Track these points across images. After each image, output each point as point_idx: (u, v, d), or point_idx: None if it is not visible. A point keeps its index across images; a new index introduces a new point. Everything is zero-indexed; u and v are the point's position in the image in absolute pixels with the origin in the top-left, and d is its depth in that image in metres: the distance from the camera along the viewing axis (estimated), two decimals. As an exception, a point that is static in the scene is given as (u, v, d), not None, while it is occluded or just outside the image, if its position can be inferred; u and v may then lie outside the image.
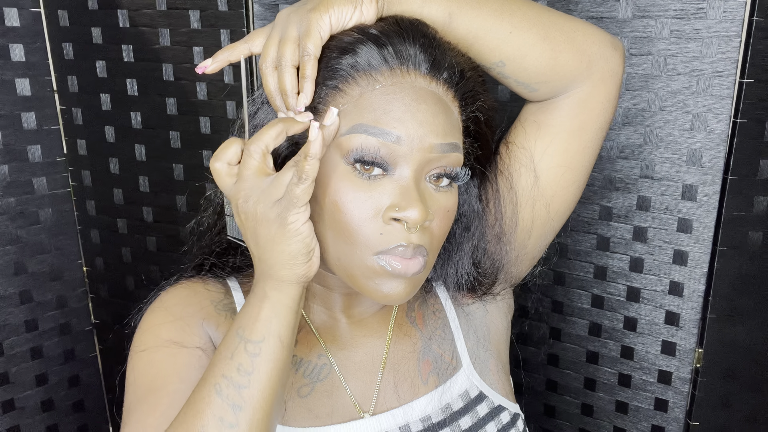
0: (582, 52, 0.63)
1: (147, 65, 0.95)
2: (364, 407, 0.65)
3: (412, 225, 0.56)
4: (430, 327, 0.69)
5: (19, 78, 0.96)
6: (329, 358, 0.67)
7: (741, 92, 0.80)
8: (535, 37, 0.62)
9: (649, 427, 0.96)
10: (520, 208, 0.69)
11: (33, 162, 0.98)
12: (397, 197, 0.56)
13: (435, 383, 0.67)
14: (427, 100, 0.57)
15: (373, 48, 0.57)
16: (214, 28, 0.89)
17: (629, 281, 0.93)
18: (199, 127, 0.95)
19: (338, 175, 0.57)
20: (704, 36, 0.81)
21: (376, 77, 0.57)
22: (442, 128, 0.58)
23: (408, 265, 0.57)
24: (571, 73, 0.64)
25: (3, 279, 0.97)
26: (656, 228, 0.90)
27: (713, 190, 0.85)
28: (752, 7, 0.78)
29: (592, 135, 0.68)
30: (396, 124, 0.56)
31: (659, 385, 0.94)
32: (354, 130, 0.56)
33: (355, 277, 0.59)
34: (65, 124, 1.02)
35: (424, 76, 0.58)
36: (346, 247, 0.58)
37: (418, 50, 0.58)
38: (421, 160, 0.57)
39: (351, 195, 0.56)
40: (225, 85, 0.91)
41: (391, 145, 0.55)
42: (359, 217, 0.56)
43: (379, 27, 0.58)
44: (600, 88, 0.65)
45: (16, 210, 0.98)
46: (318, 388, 0.65)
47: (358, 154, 0.56)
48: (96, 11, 0.95)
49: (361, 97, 0.57)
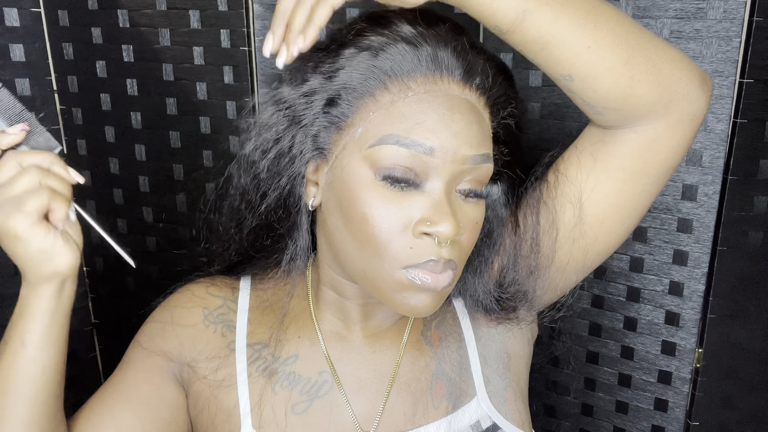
0: (665, 87, 0.55)
1: (147, 65, 0.95)
2: (365, 427, 0.63)
3: (444, 240, 0.54)
4: (446, 349, 0.66)
5: (19, 78, 0.96)
6: (332, 374, 0.64)
7: (741, 92, 0.80)
8: (616, 59, 0.53)
9: (649, 427, 0.97)
10: (558, 245, 0.63)
11: (33, 162, 0.98)
12: (428, 211, 0.54)
13: (446, 409, 0.63)
14: (461, 109, 0.55)
15: (407, 51, 0.54)
16: (214, 28, 0.89)
17: (629, 281, 0.93)
18: (199, 127, 0.95)
19: (366, 187, 0.54)
20: (704, 36, 0.81)
21: (409, 84, 0.54)
22: (476, 139, 0.55)
23: (438, 279, 0.55)
24: (646, 107, 0.55)
25: (3, 279, 0.97)
26: (656, 228, 0.90)
27: (713, 190, 0.85)
28: (752, 7, 0.77)
29: (652, 180, 0.60)
30: (429, 135, 0.53)
31: (659, 385, 0.94)
32: (384, 140, 0.54)
33: (381, 289, 0.57)
34: (65, 124, 1.02)
35: (458, 83, 0.56)
36: (373, 260, 0.55)
37: (451, 54, 0.55)
38: (454, 172, 0.55)
39: (381, 208, 0.54)
40: (225, 85, 0.91)
41: (423, 157, 0.53)
42: (389, 230, 0.54)
43: (411, 28, 0.55)
44: (675, 130, 0.57)
45: (16, 210, 0.98)
46: (316, 405, 0.63)
47: (389, 171, 0.54)
48: (96, 11, 0.95)
49: (393, 105, 0.54)
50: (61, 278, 0.56)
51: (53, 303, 0.56)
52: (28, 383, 0.56)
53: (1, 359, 0.57)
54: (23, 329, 0.56)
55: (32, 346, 0.56)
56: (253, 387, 0.64)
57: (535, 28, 0.52)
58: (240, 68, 0.89)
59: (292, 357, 0.65)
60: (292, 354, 0.65)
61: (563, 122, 0.93)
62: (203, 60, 0.91)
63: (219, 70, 0.91)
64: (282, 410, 0.63)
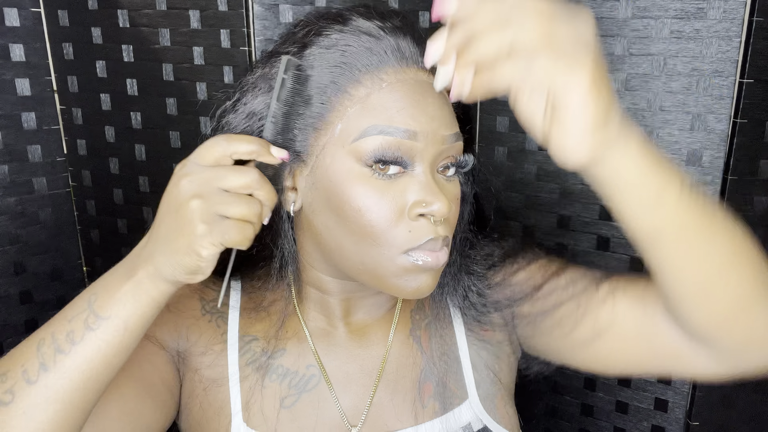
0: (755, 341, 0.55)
1: (147, 65, 0.95)
2: (352, 421, 0.64)
3: (440, 218, 0.56)
4: (436, 351, 0.67)
5: (19, 78, 0.96)
6: (320, 368, 0.65)
7: (741, 92, 0.80)
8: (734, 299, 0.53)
9: (649, 427, 0.96)
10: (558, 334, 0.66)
11: (33, 162, 0.98)
12: (420, 193, 0.56)
13: (435, 410, 0.64)
14: (432, 93, 0.57)
15: (372, 44, 0.56)
16: (214, 28, 0.89)
17: (629, 281, 0.93)
18: (199, 127, 0.95)
19: (356, 180, 0.55)
20: (704, 36, 0.81)
21: (381, 76, 0.56)
22: (449, 119, 0.58)
23: (438, 257, 0.57)
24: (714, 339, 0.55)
25: (3, 279, 0.97)
26: (656, 228, 0.90)
27: (713, 190, 0.85)
28: (752, 7, 0.77)
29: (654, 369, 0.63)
30: (410, 121, 0.55)
31: (659, 385, 0.94)
32: (367, 132, 0.55)
33: (382, 277, 0.58)
34: (65, 124, 1.02)
35: (423, 70, 0.58)
36: (372, 250, 0.56)
37: (411, 44, 0.57)
38: (435, 152, 0.57)
39: (374, 198, 0.55)
40: (225, 85, 0.91)
41: (407, 142, 0.55)
42: (385, 218, 0.55)
43: (369, 22, 0.57)
44: (719, 369, 0.58)
45: (16, 210, 0.98)
46: (304, 399, 0.64)
47: (380, 154, 0.55)
48: (96, 11, 0.95)
49: (369, 98, 0.55)
50: (183, 285, 0.53)
51: (165, 299, 0.53)
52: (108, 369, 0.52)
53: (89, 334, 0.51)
54: (130, 313, 0.51)
55: (132, 332, 0.52)
56: (244, 381, 0.64)
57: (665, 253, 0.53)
58: (240, 68, 0.89)
59: (280, 351, 0.66)
60: (280, 348, 0.66)
61: (563, 122, 0.93)
62: (203, 60, 0.91)
63: (219, 70, 0.91)
64: (271, 404, 0.64)
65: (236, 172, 0.51)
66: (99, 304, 0.51)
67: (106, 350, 0.51)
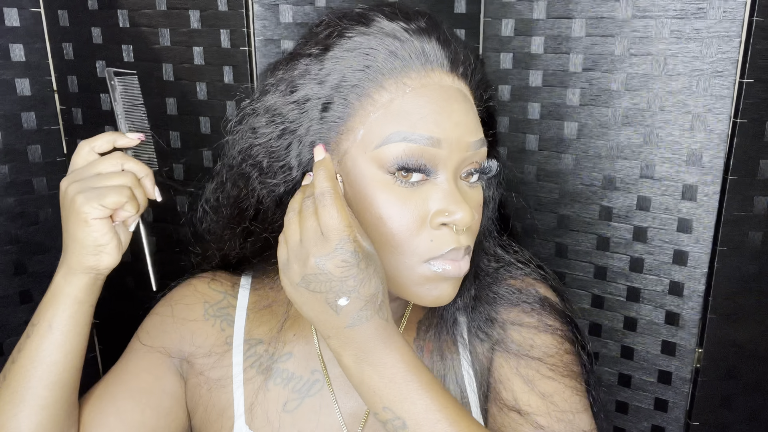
0: None
1: (147, 65, 0.95)
2: (351, 428, 0.63)
3: (462, 227, 0.55)
4: (437, 363, 0.66)
5: (19, 78, 0.96)
6: (324, 373, 0.65)
7: (741, 92, 0.80)
8: None
9: (649, 427, 0.96)
10: None
11: (33, 162, 0.98)
12: (442, 202, 0.55)
13: None
14: (457, 98, 0.56)
15: (396, 47, 0.54)
16: (214, 28, 0.89)
17: (629, 281, 0.93)
18: (199, 127, 0.95)
19: (378, 187, 0.54)
20: (704, 36, 0.81)
21: (405, 80, 0.55)
22: (473, 125, 0.57)
23: (459, 266, 0.56)
24: None
25: (3, 279, 0.97)
26: (656, 228, 0.90)
27: (713, 190, 0.85)
28: (752, 7, 0.77)
29: None
30: (434, 128, 0.54)
31: (659, 385, 0.94)
32: (390, 139, 0.54)
33: (403, 285, 0.57)
34: (65, 124, 1.02)
35: (448, 74, 0.56)
36: (393, 258, 0.56)
37: (436, 46, 0.56)
38: (459, 160, 0.55)
39: (396, 206, 0.54)
40: (225, 85, 0.91)
41: (431, 150, 0.54)
42: (407, 227, 0.54)
43: (393, 24, 0.55)
44: None
45: (16, 210, 0.98)
46: (306, 404, 0.64)
47: (403, 161, 0.54)
48: (96, 11, 0.95)
49: (392, 103, 0.54)
50: (97, 273, 0.60)
51: (83, 293, 0.60)
52: (50, 367, 0.59)
53: (27, 341, 0.60)
54: (53, 314, 0.59)
55: (59, 331, 0.59)
56: (247, 384, 0.64)
57: None
58: (240, 68, 0.89)
59: (287, 354, 0.65)
60: (287, 352, 0.65)
61: (563, 122, 0.93)
62: (203, 60, 0.91)
63: (219, 70, 0.91)
64: (274, 407, 0.64)
65: (103, 158, 0.60)
66: (34, 314, 0.60)
67: (41, 351, 0.59)
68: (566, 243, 0.97)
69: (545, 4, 0.90)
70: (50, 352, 0.59)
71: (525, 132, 0.96)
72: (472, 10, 0.94)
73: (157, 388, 0.65)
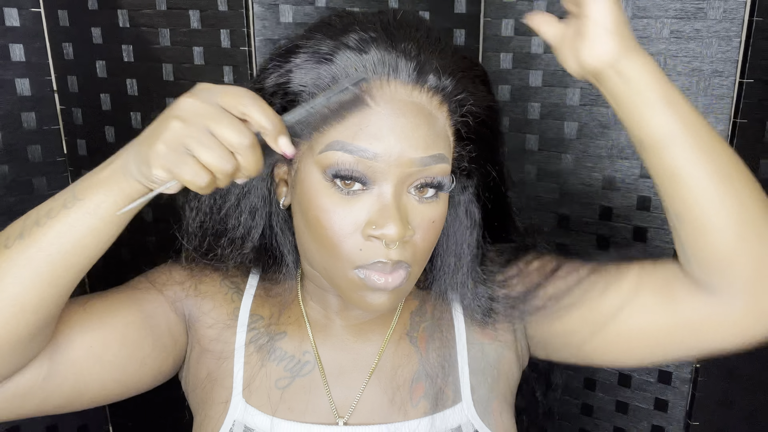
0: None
1: (147, 65, 0.95)
2: (341, 412, 0.65)
3: (391, 242, 0.56)
4: (433, 353, 0.67)
5: (19, 78, 0.96)
6: (315, 356, 0.66)
7: (741, 92, 0.80)
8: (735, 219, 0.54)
9: (649, 427, 0.96)
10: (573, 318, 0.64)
11: (33, 162, 0.98)
12: (375, 214, 0.56)
13: (425, 410, 0.65)
14: (406, 113, 0.55)
15: (351, 58, 0.55)
16: (214, 28, 0.89)
17: (629, 281, 0.93)
18: (199, 127, 0.95)
19: (319, 191, 0.57)
20: (704, 36, 0.81)
21: None
22: (423, 141, 0.56)
23: (388, 279, 0.57)
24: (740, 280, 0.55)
25: (3, 279, 0.98)
26: (656, 228, 0.90)
27: (713, 190, 0.85)
28: (752, 7, 0.78)
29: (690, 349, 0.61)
30: (373, 141, 0.54)
31: (659, 385, 0.94)
32: (331, 147, 0.55)
33: (340, 287, 0.60)
34: (65, 124, 1.02)
35: (405, 85, 0.56)
36: (330, 260, 0.58)
37: (399, 57, 0.56)
38: (400, 175, 0.56)
39: (331, 211, 0.56)
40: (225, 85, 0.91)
41: (367, 162, 0.54)
42: (339, 232, 0.56)
43: (361, 33, 0.56)
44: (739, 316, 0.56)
45: (16, 210, 0.98)
46: (297, 383, 0.65)
47: (336, 169, 0.55)
48: (96, 11, 0.95)
49: None
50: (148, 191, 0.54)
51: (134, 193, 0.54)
52: (75, 244, 0.54)
53: (63, 211, 0.54)
54: (103, 199, 0.53)
55: (101, 217, 0.54)
56: (247, 358, 0.67)
57: (670, 159, 0.54)
58: (240, 68, 0.89)
59: (281, 334, 0.68)
60: (282, 331, 0.68)
61: (563, 122, 0.93)
62: (203, 60, 0.91)
63: (219, 70, 0.91)
64: (267, 383, 0.66)
65: (234, 125, 0.49)
66: (79, 188, 0.55)
67: (77, 228, 0.54)
68: (566, 243, 0.97)
69: (545, 4, 0.90)
70: (84, 233, 0.54)
71: (525, 132, 0.96)
72: (472, 10, 0.94)
73: (162, 322, 0.66)
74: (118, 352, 0.63)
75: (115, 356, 0.63)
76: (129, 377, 0.64)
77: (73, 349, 0.61)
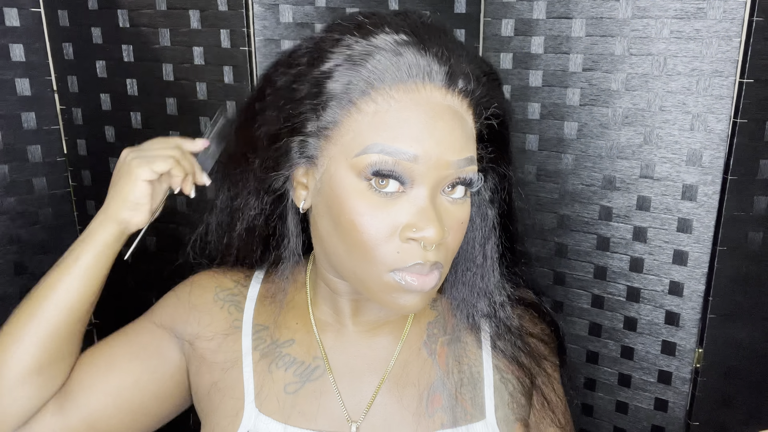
0: None
1: (147, 65, 0.95)
2: (354, 416, 0.64)
3: (430, 244, 0.55)
4: (453, 367, 0.66)
5: (19, 78, 0.96)
6: (324, 360, 0.66)
7: (741, 92, 0.80)
8: None
9: (649, 427, 0.96)
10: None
11: (33, 162, 0.98)
12: (414, 216, 0.55)
13: (442, 422, 0.64)
14: (443, 116, 0.56)
15: (388, 61, 0.55)
16: (214, 28, 0.89)
17: (629, 281, 0.93)
18: (199, 127, 0.95)
19: (354, 194, 0.56)
20: (704, 36, 0.81)
21: (392, 93, 0.55)
22: (458, 144, 0.56)
23: (424, 281, 0.57)
24: None
25: (3, 279, 0.97)
26: (656, 228, 0.90)
27: (713, 190, 0.85)
28: (752, 7, 0.78)
29: None
30: (413, 143, 0.54)
31: (659, 385, 0.94)
32: (370, 149, 0.55)
33: (371, 290, 0.59)
34: (65, 124, 1.02)
35: (440, 89, 0.56)
36: (362, 263, 0.57)
37: (432, 61, 0.56)
38: (438, 177, 0.56)
39: (369, 215, 0.56)
40: (225, 85, 0.91)
41: (407, 164, 0.54)
42: (376, 236, 0.56)
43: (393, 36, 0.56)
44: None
45: (16, 210, 0.98)
46: (307, 388, 0.65)
47: (377, 167, 0.55)
48: (96, 11, 0.95)
49: (377, 115, 0.55)
50: (126, 227, 0.67)
51: (111, 239, 0.66)
52: (66, 293, 0.65)
53: (50, 272, 0.66)
54: (80, 252, 0.65)
55: (84, 265, 0.65)
56: (255, 366, 0.67)
57: None
58: (240, 68, 0.89)
59: (289, 341, 0.67)
60: (290, 338, 0.68)
61: (563, 122, 0.93)
62: (203, 60, 0.91)
63: (219, 70, 0.91)
64: (275, 390, 0.65)
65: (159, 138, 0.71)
66: (60, 258, 0.67)
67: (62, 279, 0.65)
68: (566, 243, 0.97)
69: (545, 4, 0.90)
70: (70, 281, 0.65)
71: (525, 132, 0.96)
72: (472, 10, 0.94)
73: (157, 354, 0.69)
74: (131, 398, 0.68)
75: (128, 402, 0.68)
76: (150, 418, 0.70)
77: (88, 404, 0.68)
